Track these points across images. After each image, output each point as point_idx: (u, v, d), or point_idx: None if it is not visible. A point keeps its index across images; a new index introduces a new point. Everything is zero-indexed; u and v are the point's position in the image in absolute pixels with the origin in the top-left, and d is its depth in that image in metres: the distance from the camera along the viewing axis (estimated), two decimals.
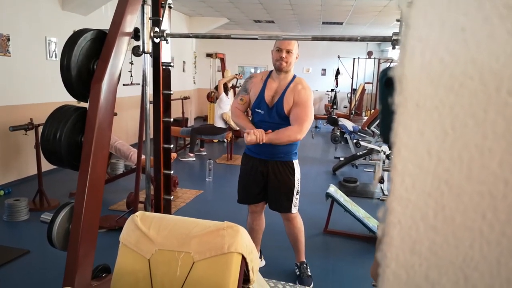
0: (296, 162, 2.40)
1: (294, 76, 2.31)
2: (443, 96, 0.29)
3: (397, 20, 1.65)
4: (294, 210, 2.41)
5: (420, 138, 0.29)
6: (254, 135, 2.04)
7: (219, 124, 5.87)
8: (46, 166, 3.72)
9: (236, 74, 6.82)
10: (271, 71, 2.36)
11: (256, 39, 2.06)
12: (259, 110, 2.29)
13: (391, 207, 0.30)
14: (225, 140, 6.15)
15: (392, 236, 0.30)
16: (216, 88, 6.29)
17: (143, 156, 2.74)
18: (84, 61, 1.74)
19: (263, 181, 2.39)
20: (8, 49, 4.22)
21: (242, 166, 2.49)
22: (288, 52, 2.21)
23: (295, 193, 2.38)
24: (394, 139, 0.30)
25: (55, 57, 4.85)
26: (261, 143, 2.08)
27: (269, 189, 2.39)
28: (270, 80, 2.31)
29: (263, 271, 2.27)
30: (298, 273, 2.56)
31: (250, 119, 2.43)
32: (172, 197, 2.28)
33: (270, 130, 2.14)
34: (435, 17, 0.28)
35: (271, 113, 2.26)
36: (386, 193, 4.62)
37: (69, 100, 1.85)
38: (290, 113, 2.22)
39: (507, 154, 0.28)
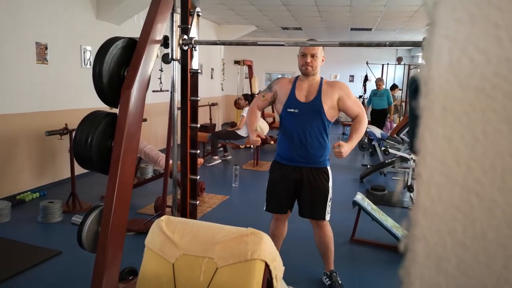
0: (329, 168, 2.38)
1: (322, 78, 2.33)
2: (473, 99, 0.26)
3: (428, 25, 1.59)
4: (328, 217, 2.37)
5: (448, 145, 0.27)
6: (344, 151, 2.13)
7: (243, 131, 5.92)
8: (79, 169, 3.85)
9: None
10: (297, 76, 2.36)
11: (283, 45, 2.05)
12: (292, 110, 2.28)
13: (415, 220, 0.28)
14: (251, 146, 6.18)
15: (416, 252, 0.27)
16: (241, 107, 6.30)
17: (171, 161, 2.78)
18: (115, 68, 1.78)
19: (295, 188, 2.35)
20: (46, 57, 4.42)
21: (271, 174, 2.44)
22: (312, 56, 2.22)
23: (329, 200, 2.35)
24: (419, 146, 0.27)
25: (90, 64, 5.03)
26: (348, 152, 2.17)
27: (303, 196, 2.35)
28: (299, 82, 2.32)
29: (287, 279, 2.23)
30: (328, 282, 2.50)
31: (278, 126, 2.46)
32: (198, 202, 2.29)
33: (341, 142, 2.18)
34: (464, 12, 0.25)
35: (307, 108, 2.25)
36: None
37: (102, 106, 1.90)
38: (345, 108, 2.28)
39: None
